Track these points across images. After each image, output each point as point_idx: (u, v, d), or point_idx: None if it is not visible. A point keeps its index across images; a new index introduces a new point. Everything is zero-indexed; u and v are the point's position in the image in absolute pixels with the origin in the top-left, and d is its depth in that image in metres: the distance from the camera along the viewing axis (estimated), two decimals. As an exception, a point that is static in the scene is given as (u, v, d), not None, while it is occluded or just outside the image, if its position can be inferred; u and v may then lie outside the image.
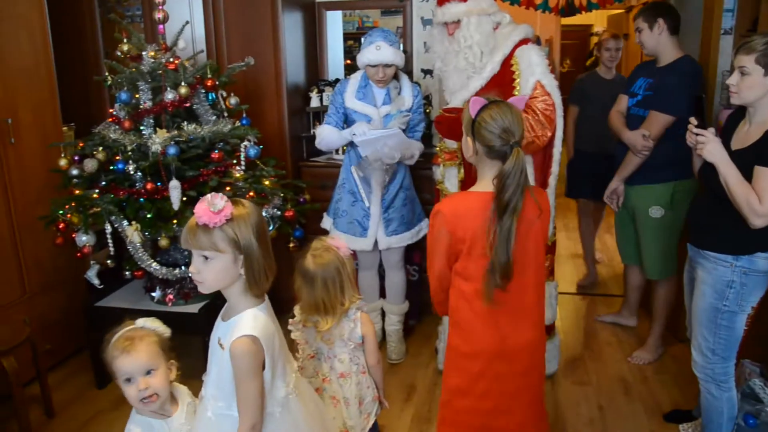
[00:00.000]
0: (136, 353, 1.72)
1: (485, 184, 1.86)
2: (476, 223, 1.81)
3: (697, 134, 2.14)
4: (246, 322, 1.63)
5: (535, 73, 2.66)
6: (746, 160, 2.09)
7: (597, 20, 9.07)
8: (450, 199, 2.00)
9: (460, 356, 1.95)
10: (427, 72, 4.01)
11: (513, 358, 1.91)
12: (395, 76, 3.21)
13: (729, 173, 2.08)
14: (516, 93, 2.68)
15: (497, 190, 1.78)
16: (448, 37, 2.80)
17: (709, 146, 2.11)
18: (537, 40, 2.90)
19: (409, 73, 3.89)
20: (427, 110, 3.80)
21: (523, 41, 2.75)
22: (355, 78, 3.24)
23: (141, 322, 1.82)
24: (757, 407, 2.41)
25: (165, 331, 1.84)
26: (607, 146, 3.66)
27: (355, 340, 2.19)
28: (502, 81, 2.72)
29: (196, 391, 1.85)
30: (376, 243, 3.26)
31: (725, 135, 2.27)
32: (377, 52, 3.02)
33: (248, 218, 1.60)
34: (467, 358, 1.93)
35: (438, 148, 3.03)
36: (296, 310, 2.21)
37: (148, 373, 1.73)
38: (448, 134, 2.69)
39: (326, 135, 3.21)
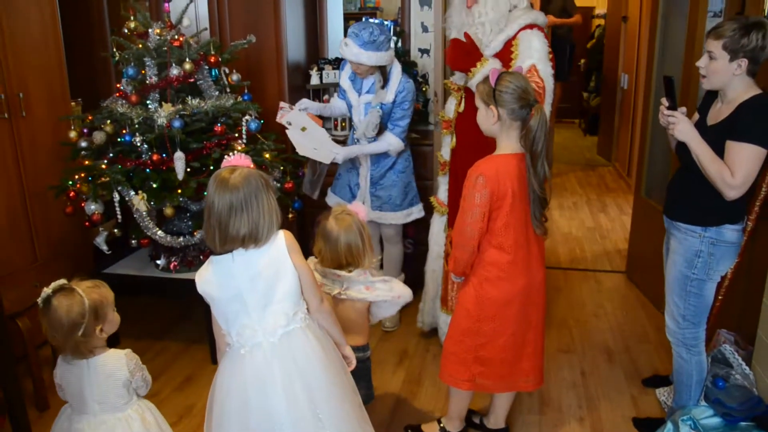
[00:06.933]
0: None
1: (509, 147, 2.16)
2: (513, 181, 2.12)
3: (668, 115, 2.25)
4: None
5: (533, 56, 2.68)
6: (719, 135, 2.20)
7: (598, 2, 9.10)
8: (486, 162, 2.18)
9: (497, 305, 2.26)
10: (425, 52, 4.10)
11: (535, 294, 2.30)
12: (383, 69, 3.19)
13: (701, 151, 2.19)
14: None
15: (528, 145, 2.08)
16: (466, 9, 2.82)
17: (679, 126, 2.22)
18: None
19: (407, 53, 3.98)
20: (424, 89, 3.90)
21: (530, 26, 2.74)
22: None
23: None
24: (727, 371, 2.55)
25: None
26: None
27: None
28: (502, 60, 2.77)
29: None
30: None
31: (702, 112, 2.38)
32: (344, 48, 3.08)
33: None
34: (504, 306, 2.25)
35: (440, 116, 3.15)
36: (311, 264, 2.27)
37: None
38: (457, 60, 2.81)
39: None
